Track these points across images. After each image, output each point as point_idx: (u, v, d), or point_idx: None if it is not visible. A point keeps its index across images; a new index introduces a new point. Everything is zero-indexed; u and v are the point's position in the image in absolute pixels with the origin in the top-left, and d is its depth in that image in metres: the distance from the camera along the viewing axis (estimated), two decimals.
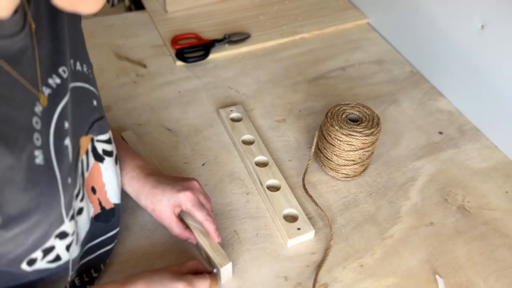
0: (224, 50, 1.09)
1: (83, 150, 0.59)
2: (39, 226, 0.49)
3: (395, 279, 0.71)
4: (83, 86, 0.58)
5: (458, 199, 0.82)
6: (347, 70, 1.07)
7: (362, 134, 0.77)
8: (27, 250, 0.51)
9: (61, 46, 0.53)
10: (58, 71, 0.52)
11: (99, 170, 0.64)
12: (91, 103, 0.60)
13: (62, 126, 0.52)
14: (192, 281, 0.61)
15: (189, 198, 0.68)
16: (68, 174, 0.53)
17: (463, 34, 0.93)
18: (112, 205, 0.68)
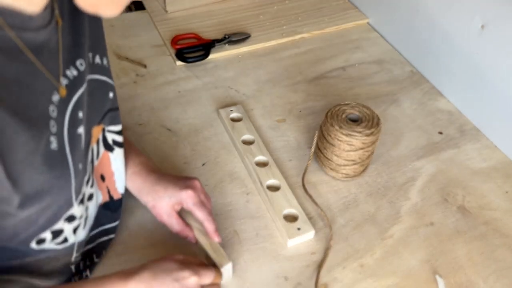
0: (224, 50, 1.09)
1: (94, 139, 0.61)
2: (50, 208, 0.52)
3: (395, 279, 0.71)
4: (100, 78, 0.60)
5: (458, 199, 0.82)
6: (347, 70, 1.07)
7: (362, 134, 0.77)
8: (37, 230, 0.53)
9: (80, 39, 0.55)
10: (75, 64, 0.54)
11: (109, 159, 0.66)
12: (107, 95, 0.62)
13: (77, 115, 0.54)
14: (198, 271, 0.61)
15: (190, 196, 0.68)
16: (80, 161, 0.55)
17: (463, 34, 0.93)
18: (119, 195, 0.70)
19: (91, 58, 0.58)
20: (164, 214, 0.70)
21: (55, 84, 0.51)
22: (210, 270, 0.63)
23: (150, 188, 0.70)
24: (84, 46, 0.56)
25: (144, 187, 0.70)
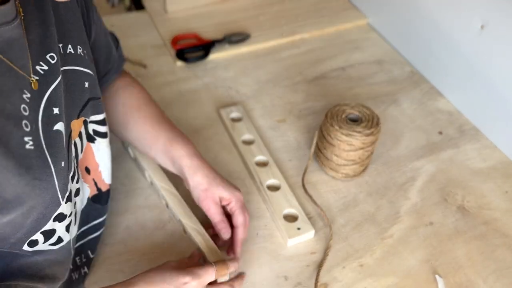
0: (224, 50, 1.09)
1: (75, 133, 0.59)
2: (35, 209, 0.51)
3: (395, 279, 0.71)
4: (74, 69, 0.58)
5: (458, 199, 0.82)
6: (347, 70, 1.07)
7: (362, 134, 0.77)
8: (27, 233, 0.53)
9: (49, 31, 0.53)
10: (46, 57, 0.53)
11: (91, 150, 0.65)
12: (83, 85, 0.60)
13: (51, 112, 0.52)
14: (196, 273, 0.61)
15: (240, 199, 0.69)
16: (62, 158, 0.53)
17: (463, 34, 0.93)
18: (107, 186, 0.69)
19: (61, 49, 0.56)
20: (212, 200, 0.69)
21: (25, 82, 0.50)
22: (209, 268, 0.62)
23: (208, 173, 0.69)
24: (53, 38, 0.54)
25: (203, 169, 0.69)
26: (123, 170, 0.82)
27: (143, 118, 0.73)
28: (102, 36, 0.69)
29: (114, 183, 0.80)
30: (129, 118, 0.73)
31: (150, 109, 0.74)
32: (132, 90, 0.75)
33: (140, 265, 0.70)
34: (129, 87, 0.76)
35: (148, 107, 0.74)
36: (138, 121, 0.73)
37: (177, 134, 0.72)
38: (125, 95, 0.74)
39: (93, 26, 0.65)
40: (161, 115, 0.74)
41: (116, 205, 0.77)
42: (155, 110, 0.74)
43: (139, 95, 0.75)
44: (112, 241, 0.73)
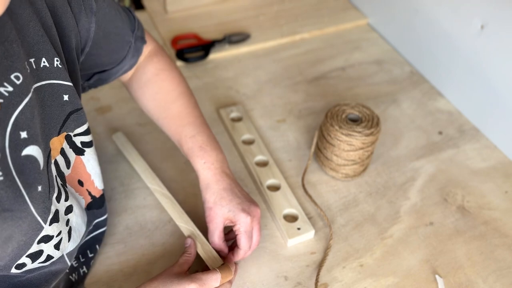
0: (224, 50, 1.09)
1: (55, 152, 0.56)
2: (13, 238, 0.49)
3: (394, 279, 0.71)
4: (50, 83, 0.54)
5: (458, 199, 0.82)
6: (347, 70, 1.07)
7: (361, 134, 0.77)
8: (10, 260, 0.51)
9: (12, 48, 0.48)
10: (10, 78, 0.48)
11: (82, 163, 0.63)
12: (61, 98, 0.56)
13: (18, 137, 0.48)
14: (201, 279, 0.60)
15: (246, 223, 0.66)
16: (37, 183, 0.50)
17: (463, 34, 0.93)
18: (101, 191, 0.68)
19: (34, 64, 0.51)
20: (215, 221, 0.67)
21: None
22: (214, 274, 0.62)
23: (218, 190, 0.67)
24: (17, 55, 0.49)
25: (213, 186, 0.67)
26: (123, 170, 0.82)
27: (169, 119, 0.71)
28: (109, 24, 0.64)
29: (114, 183, 0.80)
30: (158, 116, 0.72)
31: (177, 107, 0.72)
32: (161, 83, 0.72)
33: (140, 265, 0.70)
34: (159, 77, 0.73)
35: (175, 105, 0.72)
36: (165, 121, 0.72)
37: (199, 142, 0.69)
38: (154, 88, 0.72)
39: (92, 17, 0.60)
40: (188, 114, 0.71)
41: (116, 205, 0.77)
42: (182, 108, 0.72)
43: (168, 88, 0.72)
44: (112, 241, 0.73)
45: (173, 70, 0.74)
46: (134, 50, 0.70)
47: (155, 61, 0.73)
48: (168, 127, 0.72)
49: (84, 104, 0.67)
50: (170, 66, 0.75)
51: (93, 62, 0.66)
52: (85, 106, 0.69)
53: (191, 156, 0.69)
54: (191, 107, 0.73)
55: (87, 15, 0.59)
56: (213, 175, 0.68)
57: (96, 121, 0.91)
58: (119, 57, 0.69)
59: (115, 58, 0.68)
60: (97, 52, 0.65)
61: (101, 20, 0.62)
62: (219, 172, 0.68)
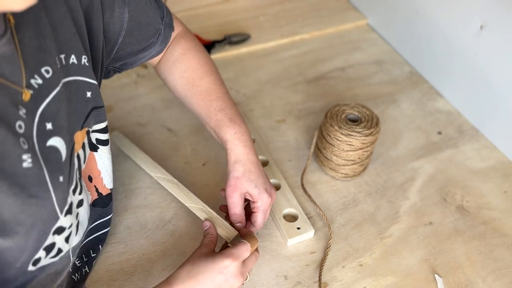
0: (224, 50, 1.09)
1: (78, 145, 0.58)
2: (35, 227, 0.50)
3: (394, 279, 0.71)
4: (76, 79, 0.57)
5: (457, 199, 0.82)
6: (346, 71, 1.07)
7: (361, 134, 0.77)
8: (30, 253, 0.51)
9: (45, 43, 0.51)
10: (40, 71, 0.51)
11: (94, 159, 0.64)
12: (85, 95, 0.58)
13: (44, 128, 0.51)
14: (233, 253, 0.61)
15: (267, 203, 0.69)
16: (59, 173, 0.52)
17: (462, 34, 0.94)
18: (108, 191, 0.69)
19: (64, 60, 0.54)
20: (239, 191, 0.68)
21: (20, 98, 0.48)
22: (243, 246, 0.62)
23: (247, 163, 0.68)
24: (49, 50, 0.52)
25: (243, 158, 0.68)
26: (123, 170, 0.82)
27: (197, 95, 0.72)
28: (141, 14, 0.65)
29: (114, 183, 0.80)
30: (186, 93, 0.73)
31: (205, 83, 0.72)
32: (188, 62, 0.73)
33: (140, 264, 0.70)
34: (186, 57, 0.74)
35: (203, 81, 0.73)
36: (193, 98, 0.72)
37: (228, 115, 0.70)
38: (182, 67, 0.73)
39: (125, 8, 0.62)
40: (216, 90, 0.73)
41: (116, 205, 0.77)
42: (210, 84, 0.73)
43: (195, 66, 0.73)
44: (112, 240, 0.73)
45: (199, 50, 0.76)
46: (163, 37, 0.71)
47: (182, 42, 0.74)
48: (196, 103, 0.72)
49: None
50: (196, 46, 0.76)
51: (124, 52, 0.67)
52: None
53: (221, 127, 0.70)
54: (219, 83, 0.74)
55: (120, 6, 0.62)
56: (244, 146, 0.69)
57: None
58: (149, 44, 0.70)
59: (145, 45, 0.69)
60: (129, 41, 0.66)
61: (133, 10, 0.64)
62: (249, 145, 0.69)
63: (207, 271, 0.59)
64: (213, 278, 0.59)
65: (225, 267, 0.59)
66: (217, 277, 0.59)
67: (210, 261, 0.59)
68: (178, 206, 0.78)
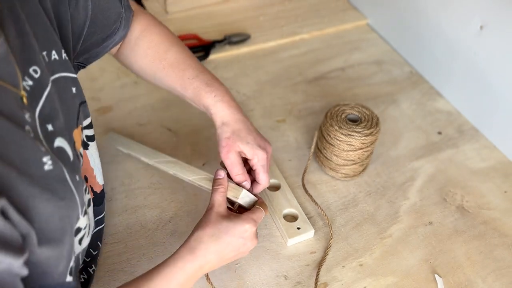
0: (224, 51, 1.09)
1: (78, 144, 0.57)
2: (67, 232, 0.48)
3: (394, 278, 0.71)
4: (62, 76, 0.54)
5: (457, 199, 0.82)
6: (346, 71, 1.07)
7: (361, 134, 0.77)
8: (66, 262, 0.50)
9: (29, 41, 0.48)
10: (29, 72, 0.48)
11: (86, 157, 0.62)
12: (71, 91, 0.56)
13: (46, 130, 0.49)
14: (253, 219, 0.62)
15: (263, 157, 0.68)
16: (76, 172, 0.51)
17: (462, 34, 0.94)
18: (101, 187, 0.67)
19: (46, 57, 0.52)
20: (233, 150, 0.67)
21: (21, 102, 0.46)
22: (259, 211, 0.64)
23: (235, 122, 0.67)
24: (33, 48, 0.49)
25: (229, 118, 0.67)
26: (123, 170, 0.82)
27: (167, 69, 0.69)
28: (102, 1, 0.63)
29: (114, 183, 0.81)
30: (154, 70, 0.70)
31: (172, 54, 0.70)
32: (150, 37, 0.71)
33: (140, 264, 0.70)
34: (146, 33, 0.71)
35: (169, 53, 0.70)
36: (163, 73, 0.70)
37: (204, 80, 0.68)
38: (145, 44, 0.70)
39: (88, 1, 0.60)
40: (184, 59, 0.70)
41: (116, 205, 0.77)
42: (177, 55, 0.70)
43: (158, 40, 0.71)
44: (112, 240, 0.73)
45: (157, 24, 0.73)
46: (125, 21, 0.68)
47: (139, 19, 0.72)
48: (167, 76, 0.70)
49: None
50: (155, 21, 0.73)
51: (88, 43, 0.64)
52: None
53: (199, 95, 0.68)
54: (186, 52, 0.71)
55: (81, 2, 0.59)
56: (227, 107, 0.67)
57: (97, 121, 0.91)
58: (113, 30, 0.67)
59: (108, 32, 0.66)
60: (94, 31, 0.63)
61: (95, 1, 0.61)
62: (233, 105, 0.68)
63: (229, 235, 0.60)
64: (234, 242, 0.60)
65: (245, 231, 0.61)
66: (238, 241, 0.60)
67: (232, 225, 0.60)
68: (178, 206, 0.78)
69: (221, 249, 0.59)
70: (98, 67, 1.02)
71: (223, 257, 0.60)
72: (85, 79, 0.99)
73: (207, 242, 0.59)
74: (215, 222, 0.60)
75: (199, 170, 0.72)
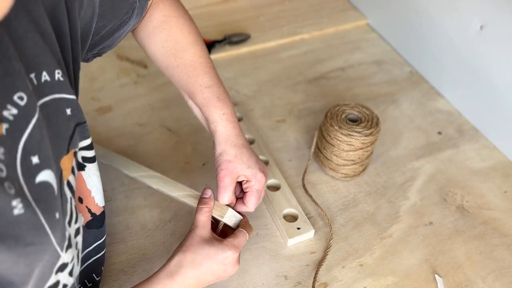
0: (224, 50, 1.09)
1: (67, 172, 0.52)
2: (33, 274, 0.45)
3: (394, 279, 0.71)
4: (53, 98, 0.49)
5: (457, 199, 0.82)
6: (346, 71, 1.07)
7: (361, 134, 0.77)
8: None
9: (12, 65, 0.43)
10: (13, 99, 0.43)
11: (82, 179, 0.58)
12: (65, 113, 0.51)
13: (30, 163, 0.44)
14: (234, 244, 0.60)
15: (262, 182, 0.66)
16: (55, 210, 0.46)
17: (462, 34, 0.94)
18: (102, 209, 0.63)
19: (35, 80, 0.47)
20: (232, 175, 0.65)
21: None
22: (242, 236, 0.62)
23: (238, 145, 0.65)
24: (18, 73, 0.44)
25: (234, 139, 0.66)
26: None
27: (181, 68, 0.67)
28: None
29: (114, 183, 0.81)
30: (167, 64, 0.67)
31: (189, 55, 0.67)
32: (170, 30, 0.67)
33: (140, 264, 0.70)
34: (167, 25, 0.67)
35: (187, 53, 0.67)
36: (176, 71, 0.67)
37: (216, 93, 0.66)
38: (163, 36, 0.67)
39: None
40: (202, 63, 0.67)
41: (116, 205, 0.77)
42: (195, 57, 0.67)
43: (178, 36, 0.67)
44: (113, 240, 0.73)
45: (182, 16, 0.69)
46: (139, 9, 0.64)
47: (161, 7, 0.68)
48: (179, 76, 0.67)
49: (84, 104, 0.66)
50: (179, 12, 0.69)
51: (99, 37, 0.61)
52: (85, 106, 0.69)
53: (208, 106, 0.66)
54: (205, 57, 0.68)
55: None
56: (233, 127, 0.66)
57: (97, 121, 0.91)
58: (123, 21, 0.63)
59: (118, 23, 0.63)
60: (103, 24, 0.60)
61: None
62: (238, 127, 0.67)
63: (210, 262, 0.59)
64: (215, 268, 0.59)
65: (226, 258, 0.59)
66: (218, 267, 0.59)
67: (213, 251, 0.59)
68: (178, 206, 0.78)
69: (200, 274, 0.58)
70: (98, 67, 1.02)
71: (201, 281, 0.59)
72: (85, 79, 0.99)
73: (186, 267, 0.58)
74: (196, 246, 0.59)
75: (184, 186, 0.70)
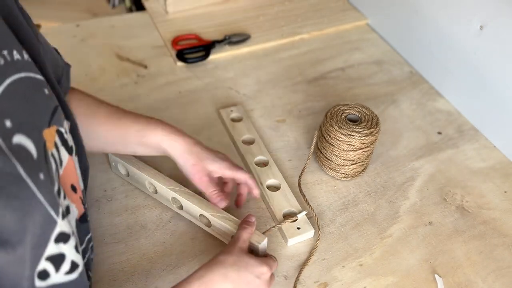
0: (224, 50, 1.09)
1: (50, 144, 0.53)
2: (28, 232, 0.45)
3: (394, 279, 0.71)
4: (29, 75, 0.52)
5: (457, 199, 0.82)
6: (346, 71, 1.07)
7: (361, 134, 0.77)
8: (32, 264, 0.47)
9: None
10: None
11: (73, 163, 0.59)
12: (43, 92, 0.54)
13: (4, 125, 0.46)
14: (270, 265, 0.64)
15: (227, 165, 0.72)
16: (38, 170, 0.47)
17: (462, 34, 0.94)
18: None
19: (8, 56, 0.50)
20: (203, 173, 0.71)
21: None
22: (274, 260, 0.66)
23: (192, 147, 0.70)
24: None
25: (186, 147, 0.70)
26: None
27: (102, 122, 0.71)
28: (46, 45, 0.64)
29: (114, 183, 0.81)
30: (89, 128, 0.69)
31: (104, 109, 0.72)
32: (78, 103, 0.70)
33: (140, 264, 0.70)
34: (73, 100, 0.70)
35: (101, 108, 0.72)
36: (99, 127, 0.71)
37: (144, 121, 0.71)
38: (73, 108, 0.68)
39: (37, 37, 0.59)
40: (117, 111, 0.72)
41: (116, 205, 0.78)
42: (109, 108, 0.72)
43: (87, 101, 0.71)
44: (112, 241, 0.73)
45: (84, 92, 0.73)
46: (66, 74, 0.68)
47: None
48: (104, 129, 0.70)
49: None
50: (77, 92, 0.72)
51: None
52: None
53: (145, 136, 0.70)
54: (117, 107, 0.73)
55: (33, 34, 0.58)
56: (179, 136, 0.70)
57: None
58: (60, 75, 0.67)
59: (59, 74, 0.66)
60: None
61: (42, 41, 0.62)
62: (181, 132, 0.71)
63: (248, 271, 0.61)
64: (250, 279, 0.61)
65: (262, 273, 0.62)
66: (254, 280, 0.61)
67: (253, 262, 0.62)
68: None
69: (237, 279, 0.60)
70: (98, 67, 1.03)
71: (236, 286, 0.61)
72: (85, 79, 1.00)
73: (228, 265, 0.60)
74: (238, 254, 0.62)
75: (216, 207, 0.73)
